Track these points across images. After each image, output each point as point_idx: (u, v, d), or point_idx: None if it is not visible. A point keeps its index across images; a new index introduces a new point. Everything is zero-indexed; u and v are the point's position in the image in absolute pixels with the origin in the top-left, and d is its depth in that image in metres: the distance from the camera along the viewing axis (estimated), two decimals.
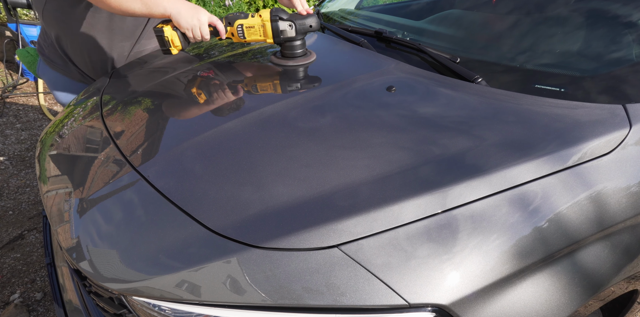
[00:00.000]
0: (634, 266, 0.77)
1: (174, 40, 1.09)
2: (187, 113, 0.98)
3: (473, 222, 0.64)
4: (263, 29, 1.11)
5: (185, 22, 1.06)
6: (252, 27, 1.11)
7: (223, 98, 1.03)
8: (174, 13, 1.05)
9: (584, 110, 0.81)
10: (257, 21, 1.11)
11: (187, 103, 1.03)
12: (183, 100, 1.05)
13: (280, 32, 1.11)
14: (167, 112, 1.00)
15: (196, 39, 1.11)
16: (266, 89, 1.05)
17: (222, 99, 1.02)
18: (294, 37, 1.12)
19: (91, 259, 0.70)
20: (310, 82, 1.06)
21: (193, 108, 1.00)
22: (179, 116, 0.97)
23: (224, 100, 1.01)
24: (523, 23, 1.16)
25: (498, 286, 0.62)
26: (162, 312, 0.64)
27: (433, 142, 0.76)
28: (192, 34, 1.09)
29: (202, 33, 1.09)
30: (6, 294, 1.61)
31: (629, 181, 0.75)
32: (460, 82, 0.95)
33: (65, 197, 0.86)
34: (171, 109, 1.01)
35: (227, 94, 1.04)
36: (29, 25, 3.05)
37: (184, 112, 0.98)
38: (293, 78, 1.09)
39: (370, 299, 0.58)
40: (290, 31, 1.11)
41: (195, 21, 1.07)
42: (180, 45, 1.11)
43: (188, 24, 1.07)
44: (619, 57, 0.96)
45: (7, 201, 2.13)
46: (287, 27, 1.11)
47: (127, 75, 1.29)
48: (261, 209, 0.67)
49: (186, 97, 1.06)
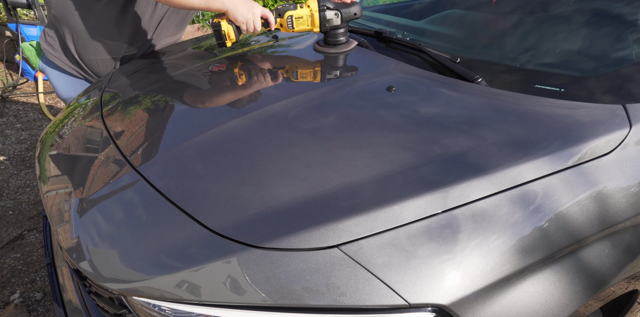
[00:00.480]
0: (634, 266, 0.77)
1: (230, 33, 1.17)
2: (186, 113, 0.98)
3: (473, 222, 0.64)
4: (311, 19, 1.18)
5: (242, 16, 1.13)
6: (300, 18, 1.18)
7: (223, 97, 1.03)
8: (231, 8, 1.12)
9: (584, 111, 0.81)
10: (306, 12, 1.17)
11: (186, 103, 1.03)
12: (183, 99, 1.05)
13: (327, 21, 1.17)
14: (167, 111, 1.00)
15: (249, 32, 1.17)
16: (305, 77, 1.10)
17: (222, 99, 1.02)
18: (339, 26, 1.18)
19: (91, 259, 0.70)
20: (352, 69, 1.11)
21: (193, 107, 1.00)
22: (178, 116, 0.97)
23: (223, 100, 1.01)
24: (523, 23, 1.16)
25: (498, 286, 0.62)
26: (162, 312, 0.64)
27: (433, 142, 0.76)
28: (246, 27, 1.16)
29: (255, 25, 1.16)
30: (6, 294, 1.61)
31: (629, 180, 0.75)
32: (460, 82, 0.95)
33: (65, 197, 0.86)
34: (171, 109, 1.01)
35: (226, 92, 1.04)
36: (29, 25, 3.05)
37: (184, 112, 0.98)
38: (335, 65, 1.15)
39: (370, 299, 0.58)
40: (336, 20, 1.17)
41: (250, 15, 1.14)
42: (235, 37, 1.19)
43: (244, 18, 1.14)
44: (619, 57, 0.96)
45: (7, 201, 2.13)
46: (333, 16, 1.17)
47: (127, 75, 1.29)
48: (261, 209, 0.67)
49: (186, 96, 1.06)
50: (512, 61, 1.02)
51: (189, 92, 1.09)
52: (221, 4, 1.13)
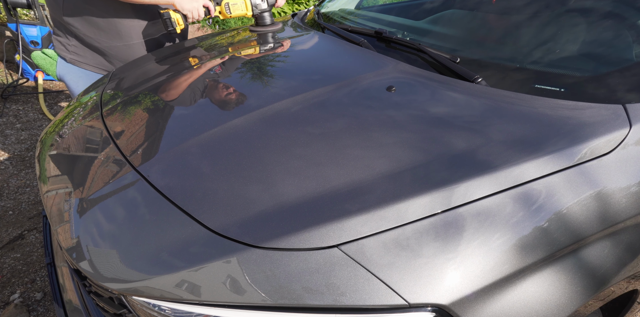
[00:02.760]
0: (634, 266, 0.77)
1: (179, 20, 1.39)
2: (186, 112, 0.98)
3: (473, 222, 0.64)
4: (244, 4, 1.49)
5: (188, 5, 1.37)
6: (235, 4, 1.48)
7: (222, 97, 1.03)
8: (177, 1, 1.36)
9: (583, 110, 0.81)
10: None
11: (186, 102, 1.03)
12: (183, 99, 1.05)
13: (255, 6, 1.51)
14: (167, 111, 1.00)
15: (194, 19, 1.41)
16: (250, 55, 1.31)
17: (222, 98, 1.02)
18: (266, 9, 1.53)
19: (91, 259, 0.70)
20: (279, 43, 1.38)
21: (192, 107, 1.00)
22: (178, 116, 0.97)
23: (223, 99, 1.01)
24: (523, 23, 1.16)
25: (498, 286, 0.62)
26: (162, 312, 0.64)
27: (432, 142, 0.76)
28: (192, 15, 1.40)
29: (199, 13, 1.41)
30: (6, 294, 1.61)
31: (629, 180, 0.75)
32: (460, 82, 0.95)
33: (65, 197, 0.86)
34: (170, 109, 1.01)
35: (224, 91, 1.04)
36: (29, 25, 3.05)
37: (183, 112, 0.98)
38: (268, 41, 1.43)
39: (370, 299, 0.58)
40: (263, 4, 1.52)
41: (195, 3, 1.39)
42: (183, 24, 1.40)
43: (190, 7, 1.38)
44: (619, 57, 0.96)
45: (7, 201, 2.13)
46: (259, 2, 1.51)
47: (127, 75, 1.29)
48: (261, 209, 0.67)
49: (186, 96, 1.06)
50: (512, 61, 1.02)
51: (189, 92, 1.09)
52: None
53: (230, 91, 1.05)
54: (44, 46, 3.12)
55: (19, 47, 3.02)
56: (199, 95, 1.06)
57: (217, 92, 1.06)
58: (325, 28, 1.43)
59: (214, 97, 1.04)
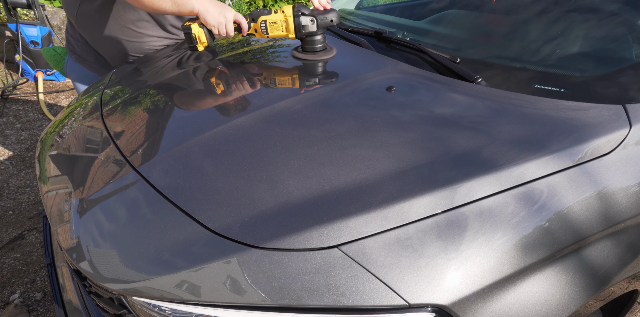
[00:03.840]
0: (634, 266, 0.77)
1: (201, 37, 1.15)
2: (186, 113, 0.98)
3: (475, 222, 0.64)
4: (286, 25, 1.15)
5: (213, 19, 1.12)
6: (275, 23, 1.15)
7: (222, 97, 1.03)
8: (202, 11, 1.11)
9: (583, 111, 0.81)
10: (280, 17, 1.14)
11: (187, 103, 1.03)
12: (183, 99, 1.05)
13: (302, 27, 1.14)
14: (167, 111, 1.00)
15: (221, 36, 1.16)
16: (284, 83, 1.07)
17: (222, 98, 1.02)
18: (315, 32, 1.15)
19: (91, 259, 0.70)
20: (330, 76, 1.07)
21: (193, 108, 1.00)
22: (178, 116, 0.97)
23: (223, 100, 1.01)
24: (522, 23, 1.16)
25: (498, 286, 0.62)
26: (162, 313, 0.64)
27: (432, 142, 0.76)
28: (218, 31, 1.14)
29: (227, 30, 1.15)
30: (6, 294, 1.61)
31: (629, 180, 0.75)
32: (460, 82, 0.95)
33: (65, 197, 0.86)
34: (171, 109, 1.01)
35: (225, 93, 1.04)
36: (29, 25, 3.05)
37: (184, 112, 0.98)
38: (313, 72, 1.11)
39: (370, 299, 0.58)
40: (312, 26, 1.14)
41: (222, 19, 1.12)
42: (207, 41, 1.16)
43: (215, 22, 1.12)
44: (619, 57, 0.96)
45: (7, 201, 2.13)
46: (308, 22, 1.14)
47: (127, 75, 1.29)
48: (261, 209, 0.67)
49: (186, 96, 1.06)
50: (512, 61, 1.02)
51: (189, 92, 1.09)
52: (191, 7, 1.11)
53: (230, 91, 1.05)
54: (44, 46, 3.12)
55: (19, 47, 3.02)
56: (199, 95, 1.06)
57: (218, 92, 1.06)
58: None
59: (213, 97, 1.04)
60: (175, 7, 1.12)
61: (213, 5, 1.13)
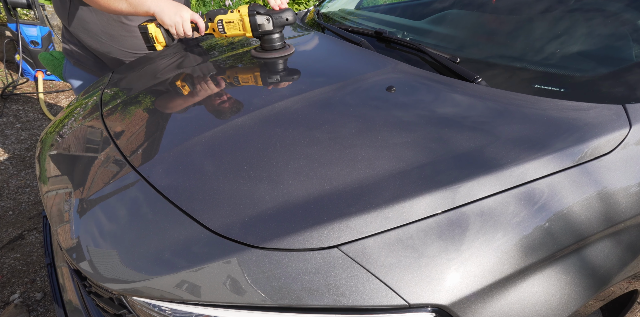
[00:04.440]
0: (634, 266, 0.77)
1: (158, 36, 1.16)
2: (186, 113, 0.98)
3: (473, 223, 0.64)
4: (242, 24, 1.18)
5: (169, 19, 1.13)
6: (231, 22, 1.18)
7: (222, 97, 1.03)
8: (157, 11, 1.12)
9: (583, 111, 0.81)
10: (236, 16, 1.17)
11: (187, 103, 1.03)
12: (183, 99, 1.05)
13: (258, 26, 1.17)
14: (167, 111, 1.00)
15: (179, 36, 1.17)
16: (247, 81, 1.11)
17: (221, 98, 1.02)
18: (272, 31, 1.18)
19: (91, 259, 0.70)
20: (290, 74, 1.11)
21: (193, 108, 1.00)
22: (178, 116, 0.97)
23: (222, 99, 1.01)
24: (522, 23, 1.16)
25: (498, 286, 0.62)
26: (162, 313, 0.64)
27: (432, 142, 0.76)
28: (176, 31, 1.15)
29: (184, 29, 1.16)
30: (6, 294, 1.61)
31: (629, 180, 0.75)
32: (460, 82, 0.95)
33: (65, 197, 0.86)
34: (171, 109, 1.01)
35: (224, 91, 1.04)
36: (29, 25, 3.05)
37: (184, 112, 0.98)
38: (273, 70, 1.14)
39: (370, 299, 0.58)
40: (268, 25, 1.17)
41: (178, 18, 1.13)
42: (164, 41, 1.17)
43: (171, 21, 1.13)
44: (619, 57, 0.96)
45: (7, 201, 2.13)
46: (264, 21, 1.17)
47: (127, 75, 1.29)
48: (261, 210, 0.67)
49: (186, 96, 1.06)
50: (512, 61, 1.02)
51: (189, 92, 1.09)
52: (147, 8, 1.13)
53: (231, 91, 1.05)
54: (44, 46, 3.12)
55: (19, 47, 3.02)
56: (200, 96, 1.06)
57: (218, 92, 1.06)
58: (325, 28, 1.43)
59: (214, 97, 1.04)
60: (131, 8, 1.14)
61: (169, 5, 1.14)
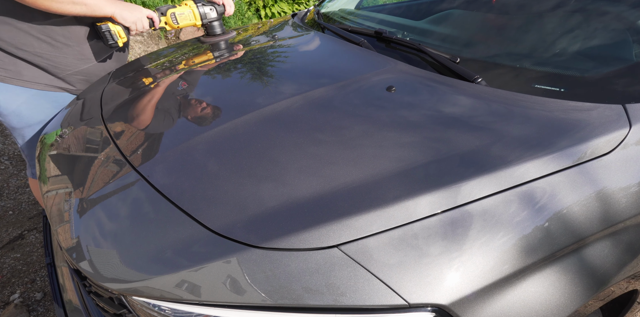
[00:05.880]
0: (634, 266, 0.77)
1: (120, 33, 1.24)
2: (186, 112, 0.98)
3: (475, 222, 0.64)
4: (192, 14, 1.40)
5: (130, 17, 1.23)
6: (182, 14, 1.37)
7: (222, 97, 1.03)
8: (117, 12, 1.20)
9: (583, 110, 0.81)
10: (186, 8, 1.39)
11: (186, 102, 1.03)
12: (183, 99, 1.05)
13: (205, 15, 1.43)
14: (167, 111, 1.00)
15: (138, 31, 1.27)
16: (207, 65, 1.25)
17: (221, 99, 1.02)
18: (215, 18, 1.45)
19: (91, 259, 0.70)
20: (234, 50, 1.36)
21: (193, 107, 1.00)
22: (178, 116, 0.97)
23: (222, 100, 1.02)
24: (522, 23, 1.16)
25: (498, 286, 0.62)
26: (162, 312, 0.64)
27: (431, 142, 0.76)
28: (136, 27, 1.26)
29: (144, 25, 1.28)
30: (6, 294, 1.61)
31: (629, 180, 0.75)
32: (460, 82, 0.95)
33: (65, 197, 0.86)
34: (171, 109, 1.01)
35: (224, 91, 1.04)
36: None
37: (184, 112, 0.98)
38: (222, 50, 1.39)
39: (370, 299, 0.58)
40: (212, 13, 1.44)
41: (138, 14, 1.24)
42: (125, 37, 1.26)
43: (134, 18, 1.24)
44: (619, 57, 0.96)
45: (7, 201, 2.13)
46: (208, 11, 1.43)
47: (127, 75, 1.29)
48: (261, 209, 0.67)
49: (186, 96, 1.06)
50: (512, 61, 1.02)
51: (189, 92, 1.09)
52: (106, 11, 1.17)
53: (230, 92, 1.05)
54: None
55: None
56: (200, 95, 1.06)
57: (217, 92, 1.06)
58: (325, 28, 1.43)
59: (214, 97, 1.04)
60: (90, 11, 1.15)
61: (125, 6, 1.23)
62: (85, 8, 1.13)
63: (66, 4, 1.09)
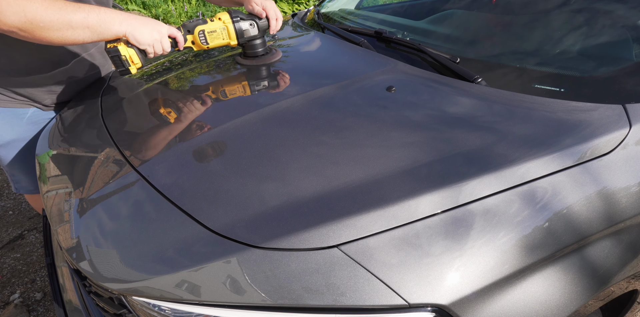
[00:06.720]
0: (634, 266, 0.77)
1: (133, 58, 0.99)
2: (186, 112, 0.98)
3: (477, 222, 0.64)
4: (226, 31, 1.10)
5: (147, 38, 0.96)
6: (214, 32, 1.09)
7: (222, 97, 1.03)
8: (130, 31, 0.94)
9: (583, 110, 0.81)
10: (219, 25, 1.09)
11: (186, 102, 1.03)
12: (183, 99, 1.05)
13: (243, 32, 1.12)
14: (167, 111, 1.00)
15: (157, 54, 1.01)
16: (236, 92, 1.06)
17: (221, 98, 1.02)
18: (256, 36, 1.15)
19: (91, 259, 0.70)
20: (279, 80, 1.07)
21: (193, 107, 1.00)
22: (178, 116, 0.97)
23: (222, 99, 1.02)
24: (522, 23, 1.16)
25: (498, 286, 0.62)
26: (162, 312, 0.64)
27: (431, 142, 0.76)
28: (154, 50, 0.99)
29: (163, 46, 1.00)
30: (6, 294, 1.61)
31: (629, 180, 0.75)
32: (460, 82, 0.95)
33: (65, 197, 0.86)
34: (170, 109, 1.01)
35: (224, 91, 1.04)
36: None
37: (183, 112, 0.98)
38: (260, 77, 1.11)
39: (370, 299, 0.58)
40: (253, 30, 1.13)
41: (156, 35, 0.97)
42: (140, 62, 1.01)
43: (150, 40, 0.96)
44: (619, 57, 0.96)
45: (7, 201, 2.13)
46: (248, 27, 1.12)
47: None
48: (261, 209, 0.67)
49: (186, 96, 1.06)
50: (512, 61, 1.02)
51: (189, 92, 1.09)
52: (116, 30, 0.92)
53: (230, 92, 1.05)
54: None
55: None
56: (200, 95, 1.06)
57: (218, 92, 1.06)
58: (325, 28, 1.43)
59: (214, 97, 1.04)
60: (95, 34, 0.90)
61: (141, 22, 0.95)
62: (90, 32, 0.89)
63: (64, 31, 0.87)
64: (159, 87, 1.15)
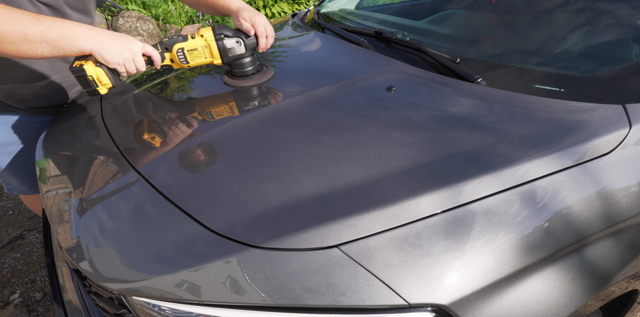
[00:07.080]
0: (634, 266, 0.77)
1: (101, 78, 0.90)
2: (186, 112, 0.98)
3: (478, 222, 0.64)
4: (208, 50, 1.00)
5: (115, 57, 0.86)
6: (194, 50, 0.99)
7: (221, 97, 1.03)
8: (96, 48, 0.84)
9: (583, 110, 0.81)
10: (200, 42, 0.99)
11: (187, 102, 1.03)
12: (183, 99, 1.05)
13: (228, 51, 1.02)
14: (167, 111, 1.00)
15: (129, 73, 0.92)
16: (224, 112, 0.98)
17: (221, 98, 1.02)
18: (243, 54, 1.04)
19: (91, 259, 0.70)
20: (271, 101, 0.96)
21: (193, 107, 1.00)
22: (178, 116, 0.97)
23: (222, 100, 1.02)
24: (522, 23, 1.16)
25: (498, 286, 0.62)
26: (162, 312, 0.64)
27: (431, 142, 0.76)
28: (126, 69, 0.90)
29: (136, 66, 0.91)
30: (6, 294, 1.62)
31: (629, 180, 0.75)
32: (460, 82, 0.95)
33: (65, 197, 0.86)
34: (171, 109, 1.01)
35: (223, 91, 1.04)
36: None
37: (184, 112, 0.98)
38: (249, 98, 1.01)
39: (370, 299, 0.58)
40: (239, 48, 1.02)
41: (127, 53, 0.88)
42: (110, 82, 0.91)
43: (119, 59, 0.87)
44: (619, 57, 0.96)
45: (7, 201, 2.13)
46: (234, 44, 1.02)
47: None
48: (261, 209, 0.67)
49: (186, 96, 1.06)
50: (512, 61, 1.02)
51: (190, 92, 1.09)
52: (80, 47, 0.83)
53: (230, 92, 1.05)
54: None
55: None
56: (200, 95, 1.06)
57: (217, 92, 1.06)
58: (325, 28, 1.43)
59: (213, 96, 1.04)
60: (57, 50, 0.82)
61: (110, 38, 0.85)
62: (50, 47, 0.81)
63: (19, 44, 0.79)
64: (160, 88, 1.15)
